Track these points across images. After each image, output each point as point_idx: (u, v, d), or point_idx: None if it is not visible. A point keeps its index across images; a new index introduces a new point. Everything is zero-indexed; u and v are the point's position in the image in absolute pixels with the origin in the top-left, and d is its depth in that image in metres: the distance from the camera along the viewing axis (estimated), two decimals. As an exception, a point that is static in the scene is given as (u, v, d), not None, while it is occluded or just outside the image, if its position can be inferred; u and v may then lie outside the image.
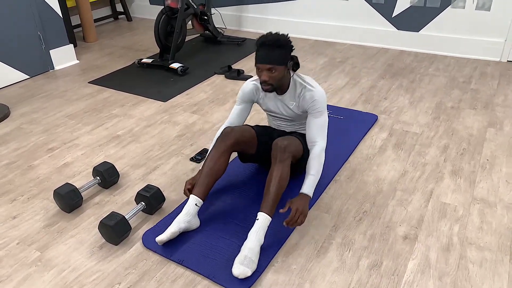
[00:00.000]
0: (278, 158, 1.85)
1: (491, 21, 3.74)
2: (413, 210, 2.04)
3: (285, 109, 2.07)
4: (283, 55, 1.84)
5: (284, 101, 2.04)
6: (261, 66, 1.84)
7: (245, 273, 1.65)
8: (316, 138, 1.94)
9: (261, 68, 1.85)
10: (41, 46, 3.80)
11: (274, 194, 1.79)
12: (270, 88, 1.90)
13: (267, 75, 1.85)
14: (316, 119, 1.95)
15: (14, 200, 2.20)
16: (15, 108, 3.21)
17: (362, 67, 3.79)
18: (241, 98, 2.11)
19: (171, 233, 1.80)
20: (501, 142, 2.56)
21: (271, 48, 1.81)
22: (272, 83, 1.87)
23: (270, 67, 1.83)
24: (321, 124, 1.95)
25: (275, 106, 2.08)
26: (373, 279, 1.68)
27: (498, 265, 1.73)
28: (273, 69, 1.84)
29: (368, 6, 4.19)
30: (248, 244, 1.72)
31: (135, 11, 5.73)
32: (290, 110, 2.05)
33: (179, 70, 3.69)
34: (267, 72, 1.85)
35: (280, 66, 1.84)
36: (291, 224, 1.78)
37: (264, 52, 1.82)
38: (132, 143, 2.69)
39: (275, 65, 1.83)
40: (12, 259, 1.83)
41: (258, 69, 1.87)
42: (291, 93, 2.01)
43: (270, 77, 1.85)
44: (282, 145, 1.86)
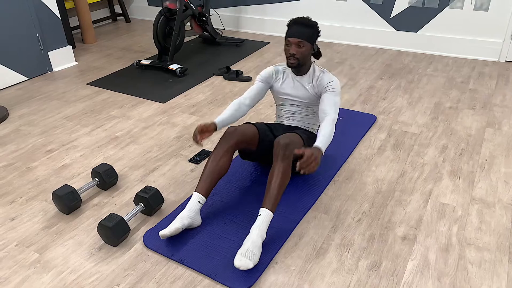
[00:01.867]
0: (280, 156, 1.87)
1: (489, 21, 3.75)
2: (412, 210, 2.04)
3: (301, 89, 2.15)
4: (312, 34, 2.02)
5: (301, 82, 2.15)
6: (292, 40, 2.00)
7: (246, 265, 1.66)
8: (328, 110, 2.01)
9: (292, 42, 2.00)
10: (40, 48, 3.79)
11: (276, 191, 1.81)
12: (296, 63, 2.03)
13: (296, 49, 2.01)
14: (331, 96, 2.05)
15: (13, 201, 2.20)
16: (14, 110, 3.21)
17: (361, 67, 3.80)
18: (261, 77, 2.22)
19: (175, 229, 1.81)
20: (500, 142, 2.57)
21: (302, 25, 2.00)
22: (299, 57, 2.02)
23: (300, 41, 1.99)
24: (334, 101, 2.04)
25: (292, 86, 2.17)
26: (372, 280, 1.68)
27: (497, 265, 1.73)
28: (302, 43, 2.00)
29: (366, 6, 4.19)
30: (251, 238, 1.74)
31: (133, 12, 5.73)
32: (306, 90, 2.14)
33: (178, 71, 3.69)
34: (295, 46, 2.00)
35: (308, 43, 2.01)
36: (304, 167, 1.72)
37: (296, 28, 2.00)
38: (130, 145, 2.69)
39: (304, 41, 2.00)
40: (11, 260, 1.82)
41: (288, 43, 2.02)
42: (310, 75, 2.14)
43: (298, 51, 2.01)
44: (284, 142, 1.88)
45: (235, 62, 4.03)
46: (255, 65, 3.94)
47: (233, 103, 2.16)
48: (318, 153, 1.79)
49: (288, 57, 2.04)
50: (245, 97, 2.18)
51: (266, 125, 2.22)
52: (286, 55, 2.04)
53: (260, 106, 3.12)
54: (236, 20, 4.97)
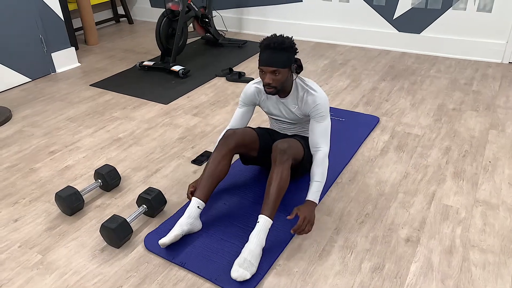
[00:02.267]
0: (278, 161, 1.85)
1: (492, 22, 3.74)
2: (415, 212, 2.04)
3: (287, 112, 2.06)
4: (287, 58, 1.83)
5: (286, 104, 2.04)
6: (265, 69, 1.84)
7: (243, 276, 1.65)
8: (319, 143, 1.94)
9: (265, 70, 1.85)
10: (43, 49, 3.80)
11: (275, 197, 1.79)
12: (274, 91, 1.89)
13: (271, 77, 1.85)
14: (319, 123, 1.95)
15: (16, 203, 2.20)
16: (17, 111, 3.21)
17: (363, 69, 3.79)
18: (243, 100, 2.11)
19: (174, 236, 1.79)
20: (503, 144, 2.56)
21: (275, 51, 1.81)
22: (276, 85, 1.87)
23: (274, 70, 1.83)
24: (324, 129, 1.95)
25: (277, 109, 2.08)
26: (376, 282, 1.67)
27: (501, 267, 1.72)
28: (276, 71, 1.83)
29: (369, 8, 4.19)
30: (249, 246, 1.72)
31: (136, 13, 5.74)
32: (292, 113, 2.05)
33: (180, 72, 3.69)
34: (270, 75, 1.84)
35: (284, 69, 1.84)
36: (298, 232, 1.81)
37: (268, 55, 1.82)
38: (133, 146, 2.69)
39: (279, 68, 1.82)
40: (14, 262, 1.83)
41: (262, 71, 1.86)
42: (293, 96, 2.00)
43: (274, 79, 1.85)
44: (282, 147, 1.86)
45: (238, 64, 4.03)
46: (257, 66, 3.93)
47: (220, 136, 2.07)
48: (312, 211, 1.82)
49: (265, 85, 1.88)
50: (231, 127, 2.11)
51: (266, 130, 2.20)
52: (263, 83, 1.89)
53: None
54: (239, 21, 4.97)
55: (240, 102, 2.12)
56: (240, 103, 2.13)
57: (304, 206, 1.83)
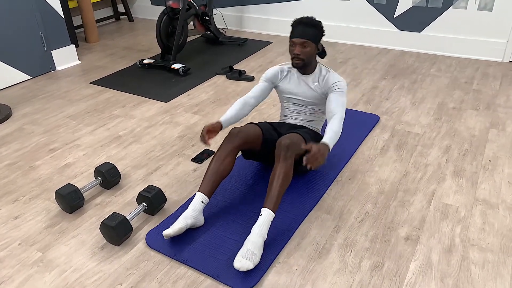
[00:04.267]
0: (281, 157, 1.87)
1: (493, 21, 3.73)
2: (415, 211, 2.04)
3: (306, 89, 2.16)
4: (316, 34, 2.02)
5: (306, 81, 2.17)
6: (296, 40, 2.01)
7: (246, 266, 1.65)
8: (336, 110, 2.01)
9: (296, 42, 2.02)
10: (43, 47, 3.80)
11: (278, 191, 1.81)
12: (301, 63, 2.05)
13: (300, 49, 2.02)
14: (337, 96, 2.06)
15: (16, 200, 2.20)
16: (17, 109, 3.21)
17: (364, 67, 3.79)
18: (266, 75, 2.23)
19: (178, 228, 1.80)
20: (503, 143, 2.56)
21: (307, 25, 2.00)
22: (304, 57, 2.03)
23: (304, 42, 2.00)
24: (341, 101, 2.05)
25: (297, 85, 2.18)
26: (375, 281, 1.68)
27: (500, 266, 1.72)
28: (306, 44, 2.01)
29: (370, 6, 4.18)
30: (251, 238, 1.73)
31: (136, 11, 5.74)
32: (311, 89, 2.15)
33: (181, 70, 3.69)
34: (300, 47, 2.02)
35: (312, 43, 2.02)
36: (311, 161, 1.75)
37: (300, 28, 2.01)
38: (133, 144, 2.69)
39: (309, 41, 2.00)
40: (14, 259, 1.83)
41: (292, 44, 2.03)
42: (316, 75, 2.15)
43: (303, 51, 2.02)
44: (286, 143, 1.88)
45: (238, 62, 4.03)
46: (258, 64, 3.94)
47: (237, 101, 2.17)
48: (325, 149, 1.80)
49: (293, 57, 2.05)
50: (250, 96, 2.19)
51: (270, 124, 2.22)
52: (291, 55, 2.05)
53: (263, 105, 3.12)
54: (239, 19, 4.97)
55: (262, 77, 2.24)
56: (262, 79, 2.25)
57: (319, 144, 1.81)
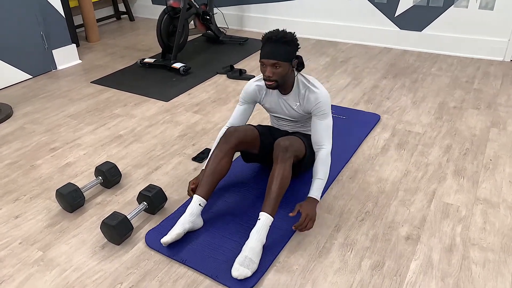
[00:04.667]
0: (279, 158, 1.85)
1: (494, 20, 3.72)
2: (415, 210, 2.04)
3: (288, 110, 2.06)
4: (289, 51, 1.83)
5: (287, 101, 2.04)
6: (266, 62, 1.84)
7: (244, 274, 1.65)
8: (322, 141, 1.95)
9: (266, 63, 1.84)
10: (44, 46, 3.80)
11: (276, 194, 1.79)
12: (274, 85, 1.89)
13: (272, 71, 1.84)
14: (321, 121, 1.96)
15: (17, 199, 2.20)
16: (18, 108, 3.22)
17: (365, 67, 3.78)
18: (244, 98, 2.10)
19: (176, 234, 1.79)
20: (504, 142, 2.55)
21: (277, 43, 1.81)
22: (276, 79, 1.86)
23: (275, 63, 1.82)
24: (326, 127, 1.95)
25: (278, 106, 2.08)
26: (375, 280, 1.67)
27: (501, 266, 1.72)
28: (277, 64, 1.82)
29: (371, 5, 4.18)
30: (249, 243, 1.72)
31: (137, 11, 5.74)
32: (294, 110, 2.05)
33: (181, 70, 3.69)
34: (271, 68, 1.84)
35: (285, 62, 1.84)
36: (300, 229, 1.81)
37: (269, 48, 1.82)
38: (134, 143, 2.69)
39: (280, 61, 1.82)
40: (15, 258, 1.83)
41: (263, 64, 1.86)
42: (295, 93, 2.00)
43: (274, 73, 1.84)
44: (284, 145, 1.86)
45: (239, 61, 4.02)
46: (258, 64, 3.94)
47: (220, 134, 2.10)
48: (312, 210, 1.83)
49: (265, 79, 1.88)
50: (231, 124, 2.11)
51: (267, 127, 2.19)
52: (263, 77, 1.89)
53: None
54: (240, 18, 4.97)
55: (241, 99, 2.12)
56: (240, 101, 2.12)
57: (306, 203, 1.84)
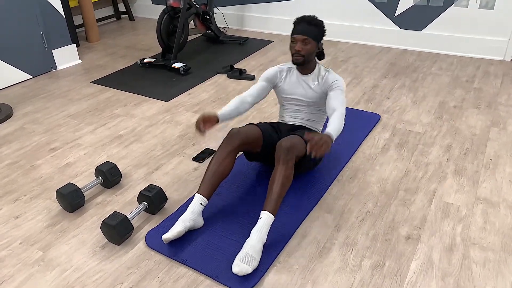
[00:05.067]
0: (282, 159, 1.85)
1: (494, 20, 3.72)
2: (416, 210, 2.04)
3: (306, 89, 2.16)
4: (317, 32, 2.05)
5: (306, 81, 2.17)
6: (298, 37, 2.03)
7: (244, 270, 1.65)
8: (337, 106, 2.00)
9: (297, 39, 2.04)
10: (44, 46, 3.80)
11: (277, 194, 1.79)
12: (301, 60, 2.06)
13: (301, 46, 2.04)
14: (337, 93, 2.06)
15: (17, 200, 2.20)
16: (18, 108, 3.22)
17: (365, 66, 3.78)
18: (265, 76, 2.22)
19: (177, 232, 1.80)
20: (505, 142, 2.55)
21: (308, 23, 2.03)
22: (304, 54, 2.05)
23: (305, 39, 2.03)
24: (341, 99, 2.05)
25: (297, 85, 2.18)
26: (376, 280, 1.67)
27: (501, 265, 1.72)
28: (307, 41, 2.03)
29: (371, 5, 4.18)
30: (250, 241, 1.72)
31: (137, 10, 5.74)
32: (311, 89, 2.15)
33: (181, 69, 3.69)
34: (301, 43, 2.04)
35: (313, 41, 2.05)
36: (315, 148, 1.69)
37: (302, 26, 2.03)
38: (134, 143, 2.69)
39: (310, 38, 2.03)
40: (15, 258, 1.83)
41: (293, 41, 2.05)
42: (315, 74, 2.16)
43: (304, 48, 2.04)
44: (286, 146, 1.87)
45: (239, 61, 4.02)
46: (258, 63, 3.94)
47: (235, 98, 2.17)
48: (328, 138, 1.74)
49: (294, 53, 2.06)
50: (248, 95, 2.19)
51: (270, 124, 2.21)
52: (292, 52, 2.07)
53: (264, 104, 3.11)
54: (240, 18, 4.96)
55: (262, 77, 2.23)
56: (261, 79, 2.24)
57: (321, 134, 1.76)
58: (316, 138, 1.70)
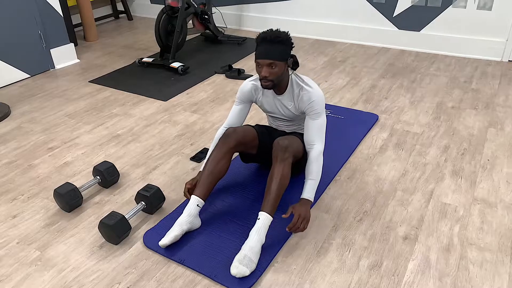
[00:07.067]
0: (279, 158, 1.85)
1: (492, 20, 3.73)
2: (413, 210, 2.04)
3: (284, 110, 2.06)
4: (284, 51, 1.83)
5: (282, 101, 2.03)
6: (261, 62, 1.83)
7: (242, 272, 1.65)
8: (314, 140, 1.93)
9: (261, 63, 1.83)
10: (42, 45, 3.79)
11: (275, 194, 1.79)
12: (270, 85, 1.88)
13: (268, 70, 1.83)
14: (314, 121, 1.94)
15: (14, 199, 2.20)
16: (16, 107, 3.21)
17: (363, 66, 3.79)
18: (240, 98, 2.10)
19: (174, 236, 1.79)
20: (502, 142, 2.56)
21: (271, 43, 1.81)
22: (272, 79, 1.86)
23: (271, 63, 1.82)
24: (319, 126, 1.94)
25: (274, 106, 2.07)
26: (373, 280, 1.68)
27: (498, 265, 1.73)
28: (273, 64, 1.82)
29: (369, 5, 4.18)
30: (249, 243, 1.72)
31: (135, 10, 5.73)
32: (288, 110, 2.04)
33: (180, 69, 3.68)
34: (267, 68, 1.83)
35: (280, 62, 1.83)
36: (294, 230, 1.80)
37: (264, 48, 1.81)
38: (132, 143, 2.69)
39: (276, 61, 1.82)
40: (12, 258, 1.83)
41: (258, 65, 1.85)
42: (289, 93, 2.00)
43: (271, 73, 1.84)
44: (283, 144, 1.86)
45: (237, 61, 4.02)
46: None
47: (216, 137, 2.08)
48: (306, 211, 1.81)
49: (261, 79, 1.87)
50: (228, 125, 2.10)
51: (265, 127, 2.19)
52: (259, 76, 1.88)
53: (261, 104, 3.11)
54: (238, 18, 4.96)
55: (237, 99, 2.11)
56: (236, 100, 2.12)
57: (299, 205, 1.83)
58: (294, 220, 1.79)
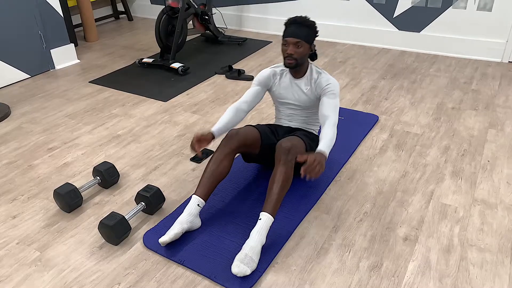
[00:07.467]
0: (281, 160, 1.85)
1: (492, 21, 3.73)
2: (413, 211, 2.04)
3: (299, 94, 2.12)
4: (310, 34, 1.99)
5: (299, 85, 2.12)
6: (289, 40, 1.97)
7: (244, 271, 1.65)
8: (329, 114, 1.98)
9: (289, 42, 1.97)
10: (42, 46, 3.79)
11: (277, 195, 1.79)
12: (294, 63, 2.00)
13: (294, 49, 1.97)
14: (330, 99, 2.02)
15: (14, 199, 2.20)
16: (16, 108, 3.21)
17: (363, 67, 3.79)
18: (258, 80, 2.18)
19: (174, 234, 1.79)
20: (502, 143, 2.56)
21: (300, 25, 1.96)
22: (297, 57, 1.98)
23: (297, 41, 1.96)
24: (334, 104, 2.02)
25: (290, 90, 2.14)
26: (373, 281, 1.68)
27: (498, 266, 1.72)
28: (299, 44, 1.96)
29: (369, 6, 4.18)
30: (250, 242, 1.72)
31: (136, 10, 5.73)
32: (304, 94, 2.11)
33: (180, 70, 3.69)
34: (293, 46, 1.97)
35: (306, 43, 1.98)
36: (309, 171, 1.70)
37: (293, 28, 1.97)
38: (132, 143, 2.69)
39: (302, 41, 1.96)
40: (12, 259, 1.83)
41: (285, 43, 1.99)
42: (307, 78, 2.11)
43: (296, 51, 1.97)
44: (286, 147, 1.87)
45: (237, 61, 4.02)
46: (257, 64, 3.94)
47: (230, 108, 2.11)
48: (322, 157, 1.75)
49: (286, 57, 2.00)
50: (243, 102, 2.14)
51: (268, 126, 2.20)
52: (284, 55, 2.01)
53: (262, 105, 3.12)
54: (239, 19, 4.97)
55: (255, 81, 2.19)
56: (254, 83, 2.19)
57: (314, 153, 1.77)
58: (310, 160, 1.71)
